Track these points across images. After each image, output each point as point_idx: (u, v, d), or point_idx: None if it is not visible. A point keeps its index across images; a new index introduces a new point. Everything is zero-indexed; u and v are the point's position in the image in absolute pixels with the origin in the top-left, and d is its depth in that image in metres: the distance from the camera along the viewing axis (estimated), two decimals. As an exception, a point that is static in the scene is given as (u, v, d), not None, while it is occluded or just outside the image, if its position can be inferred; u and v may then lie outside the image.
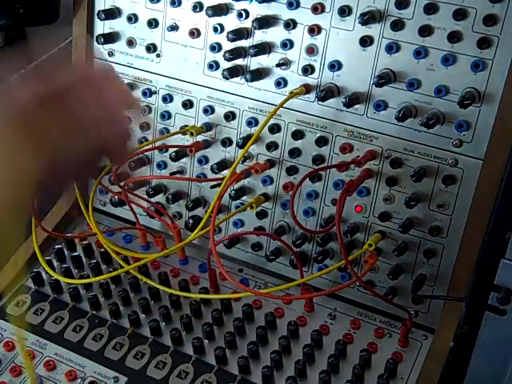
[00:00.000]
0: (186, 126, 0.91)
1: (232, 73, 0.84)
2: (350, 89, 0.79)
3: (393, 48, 0.75)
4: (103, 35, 0.93)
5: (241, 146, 0.86)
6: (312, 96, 0.82)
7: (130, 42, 0.93)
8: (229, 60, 0.84)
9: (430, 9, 0.72)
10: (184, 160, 0.92)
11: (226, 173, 0.89)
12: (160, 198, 0.96)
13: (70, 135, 0.55)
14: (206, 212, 0.92)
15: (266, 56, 0.83)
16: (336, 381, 0.76)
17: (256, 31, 0.83)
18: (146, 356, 0.81)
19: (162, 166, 0.95)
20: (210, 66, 0.87)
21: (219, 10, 0.84)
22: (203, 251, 0.95)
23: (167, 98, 0.92)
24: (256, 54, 0.83)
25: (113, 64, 0.95)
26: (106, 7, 0.93)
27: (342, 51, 0.79)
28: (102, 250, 0.92)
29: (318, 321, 0.84)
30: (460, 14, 0.71)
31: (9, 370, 0.80)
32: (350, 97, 0.78)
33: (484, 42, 0.70)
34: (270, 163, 0.87)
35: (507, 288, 0.62)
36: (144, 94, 0.94)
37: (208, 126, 0.90)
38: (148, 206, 0.95)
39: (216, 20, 0.85)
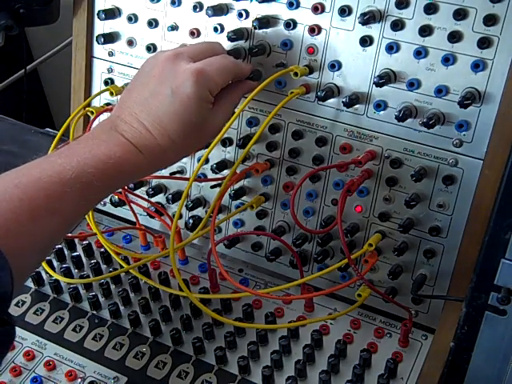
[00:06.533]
0: (186, 125, 0.91)
1: (232, 73, 0.84)
2: (350, 89, 0.79)
3: (393, 48, 0.75)
4: (103, 35, 0.93)
5: (241, 146, 0.86)
6: (312, 96, 0.82)
7: (130, 42, 0.93)
8: (229, 60, 0.84)
9: (430, 9, 0.72)
10: (184, 160, 0.92)
11: (225, 173, 0.89)
12: (160, 198, 0.96)
13: None
14: (206, 212, 0.92)
15: (265, 56, 0.84)
16: (336, 381, 0.76)
17: (256, 31, 0.83)
18: (146, 356, 0.81)
19: (162, 165, 0.95)
20: (210, 66, 0.87)
21: (219, 10, 0.84)
22: (203, 251, 0.95)
23: (167, 98, 0.92)
24: (256, 54, 0.83)
25: (113, 64, 0.95)
26: (106, 7, 0.93)
27: (342, 51, 0.79)
28: (102, 249, 0.92)
29: (318, 321, 0.84)
30: (460, 14, 0.71)
31: (9, 370, 0.80)
32: (350, 97, 0.77)
33: (484, 42, 0.70)
34: (270, 163, 0.87)
35: (507, 288, 0.62)
36: (144, 93, 0.94)
37: (208, 126, 0.90)
38: (148, 205, 0.95)
39: (216, 20, 0.85)
